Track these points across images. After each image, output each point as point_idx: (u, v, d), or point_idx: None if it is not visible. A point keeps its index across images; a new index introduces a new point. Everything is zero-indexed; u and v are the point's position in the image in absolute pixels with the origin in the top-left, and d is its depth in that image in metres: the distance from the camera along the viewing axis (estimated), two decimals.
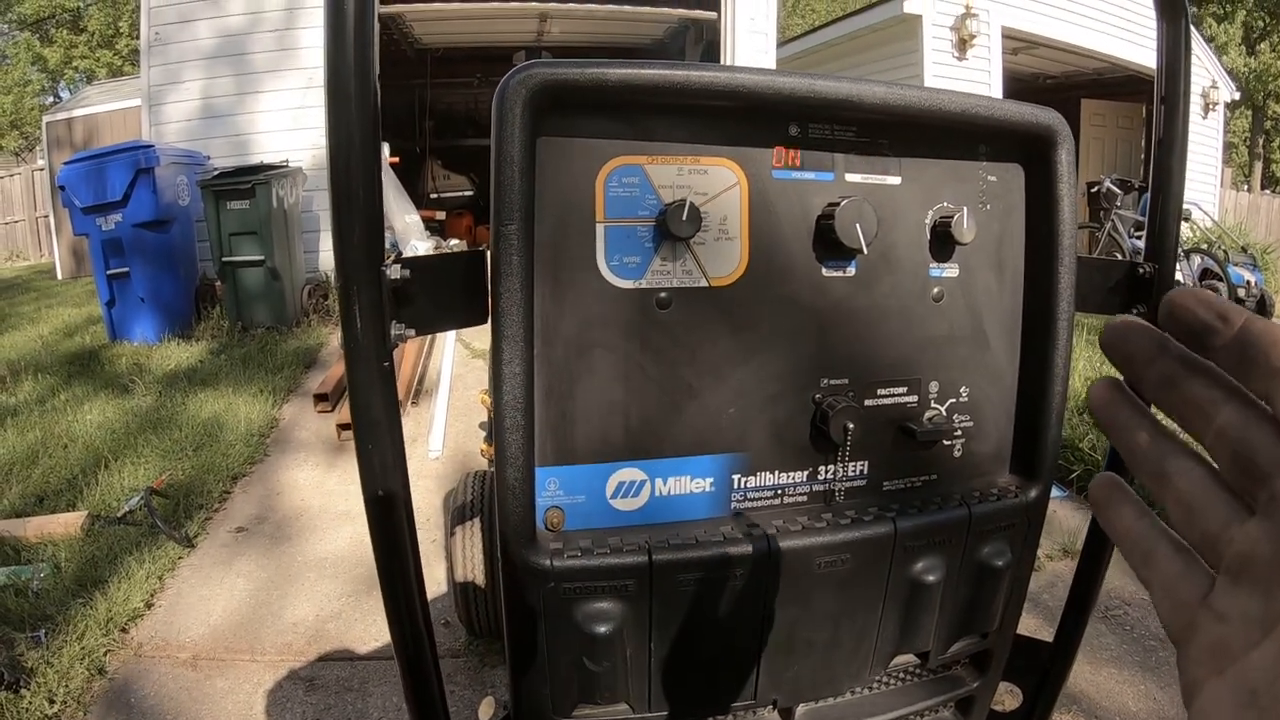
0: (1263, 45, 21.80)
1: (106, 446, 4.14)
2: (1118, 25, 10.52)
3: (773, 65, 8.56)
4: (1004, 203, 1.05)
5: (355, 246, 0.77)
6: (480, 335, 6.42)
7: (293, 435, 4.44)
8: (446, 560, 2.45)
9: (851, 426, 0.94)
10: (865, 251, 0.92)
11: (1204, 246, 8.86)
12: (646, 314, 0.88)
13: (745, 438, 0.95)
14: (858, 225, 0.90)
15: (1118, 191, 8.90)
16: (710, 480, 0.95)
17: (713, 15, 8.67)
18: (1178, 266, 4.62)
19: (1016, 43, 10.05)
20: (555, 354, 0.85)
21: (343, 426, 4.28)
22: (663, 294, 0.88)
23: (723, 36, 8.62)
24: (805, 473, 0.99)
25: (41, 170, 14.19)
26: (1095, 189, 9.11)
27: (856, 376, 1.00)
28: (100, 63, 24.59)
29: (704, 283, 0.89)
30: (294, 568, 3.15)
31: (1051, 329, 1.06)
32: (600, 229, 0.84)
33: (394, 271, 0.79)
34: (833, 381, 0.98)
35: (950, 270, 1.03)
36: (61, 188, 6.34)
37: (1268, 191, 19.55)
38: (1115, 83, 12.30)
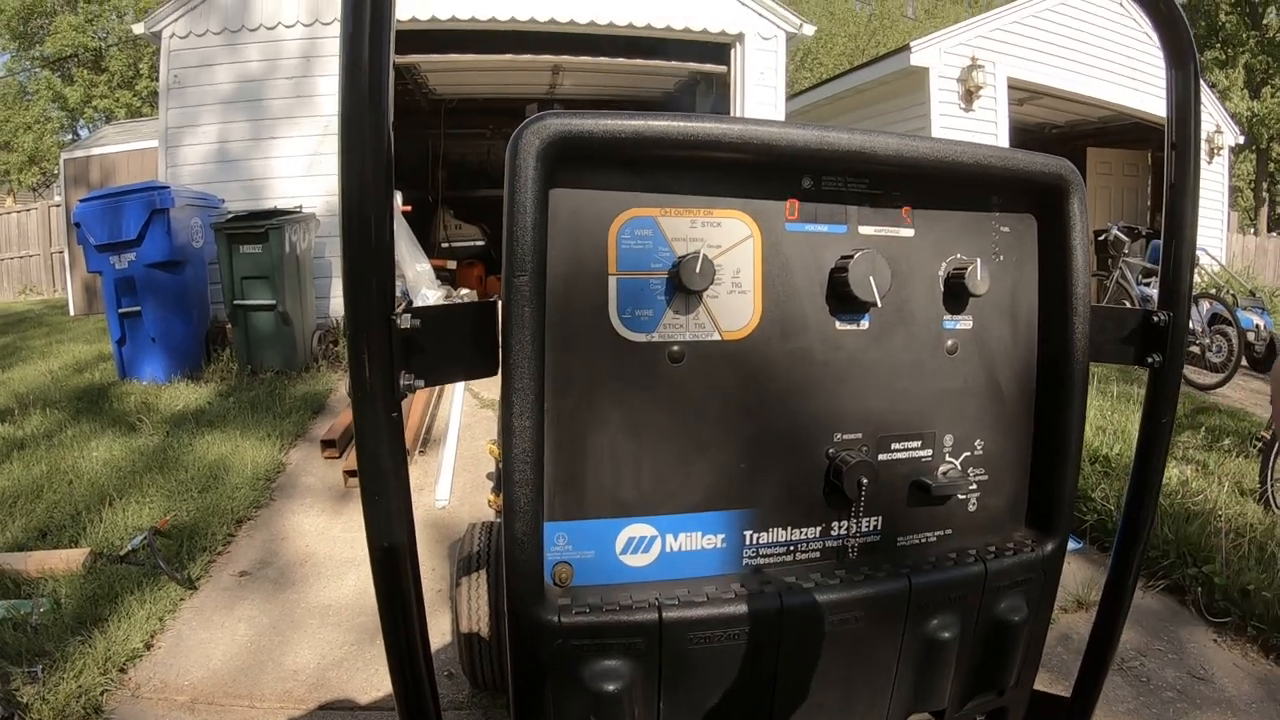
0: (1265, 90, 21.96)
1: (111, 484, 4.13)
2: (1122, 74, 10.62)
3: (782, 113, 8.68)
4: (1017, 253, 1.05)
5: (366, 294, 0.76)
6: (490, 385, 6.38)
7: (299, 480, 4.40)
8: (451, 611, 2.42)
9: (865, 482, 0.93)
10: (879, 305, 0.92)
11: (1213, 291, 8.85)
12: (658, 368, 0.87)
13: (757, 493, 0.93)
14: (871, 278, 0.90)
15: (1125, 239, 8.91)
16: (722, 536, 0.93)
17: (723, 69, 8.83)
18: None
19: (1022, 93, 10.15)
20: (566, 407, 0.84)
21: (349, 473, 4.25)
22: (675, 348, 0.87)
23: (732, 90, 8.78)
24: (818, 529, 0.97)
25: (58, 206, 14.37)
26: (1103, 237, 9.13)
27: (870, 431, 0.99)
28: (119, 103, 25.02)
29: (716, 336, 0.89)
30: (297, 614, 3.11)
31: (1066, 380, 1.06)
32: (613, 281, 0.84)
33: (404, 321, 0.79)
34: (846, 436, 0.97)
35: (964, 322, 1.03)
36: (77, 225, 6.38)
37: (1275, 234, 19.57)
38: (1120, 131, 12.39)
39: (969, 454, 1.06)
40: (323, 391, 6.19)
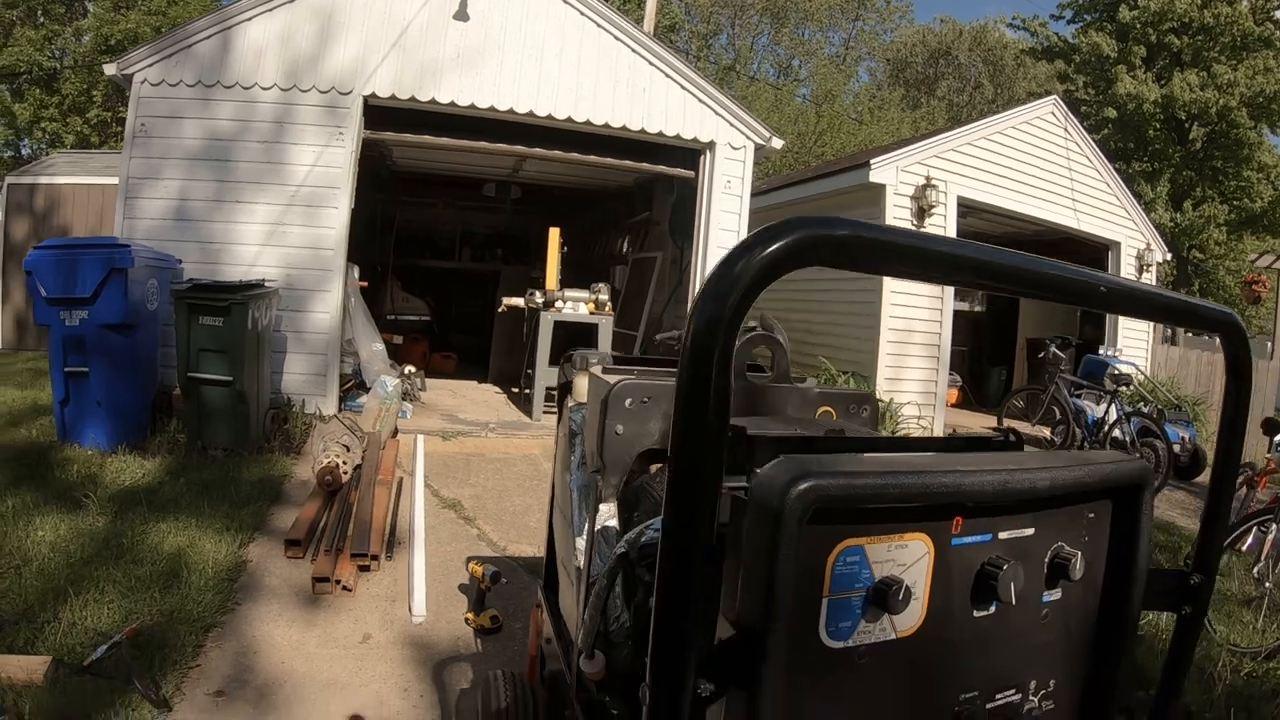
0: (1186, 203, 23.37)
1: (63, 574, 3.95)
2: (1060, 196, 11.44)
3: (745, 220, 9.09)
4: (1096, 531, 1.22)
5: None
6: (450, 483, 6.33)
7: (263, 582, 4.23)
8: None
9: None
10: (1014, 603, 1.04)
11: (1144, 409, 9.42)
12: (850, 667, 0.97)
13: None
14: (1012, 584, 1.04)
15: (1062, 356, 9.49)
16: None
17: (690, 174, 9.16)
18: (1119, 428, 5.07)
19: (966, 208, 10.69)
20: (779, 715, 0.91)
21: (319, 579, 4.11)
22: (862, 649, 0.97)
23: (699, 196, 9.14)
24: None
25: None
26: (1042, 355, 9.65)
27: (983, 688, 1.11)
28: (69, 129, 24.19)
29: (894, 636, 0.99)
30: None
31: (1123, 629, 1.24)
32: (825, 603, 0.93)
33: None
34: (965, 695, 1.09)
35: (1055, 594, 1.18)
36: (28, 272, 6.15)
37: (1195, 346, 20.64)
38: (1053, 244, 13.13)
39: (1045, 691, 1.20)
40: (278, 476, 6.05)
